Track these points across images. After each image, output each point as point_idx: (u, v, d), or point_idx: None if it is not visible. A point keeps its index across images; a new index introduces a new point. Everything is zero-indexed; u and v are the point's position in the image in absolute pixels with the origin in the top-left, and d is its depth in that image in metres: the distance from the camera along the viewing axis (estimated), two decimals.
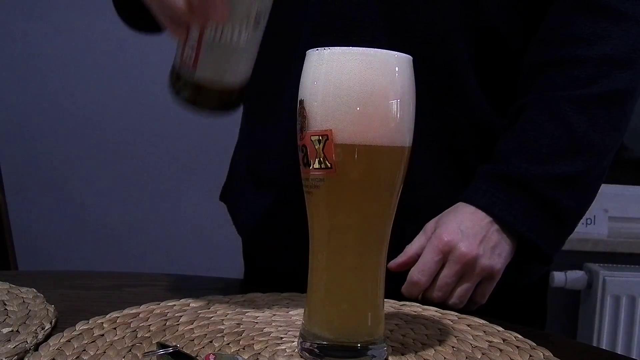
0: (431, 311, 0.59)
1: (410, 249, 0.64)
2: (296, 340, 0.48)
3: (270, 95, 0.72)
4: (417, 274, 0.62)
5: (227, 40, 0.49)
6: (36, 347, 0.44)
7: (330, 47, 0.43)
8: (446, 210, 0.65)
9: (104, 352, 0.44)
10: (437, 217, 0.65)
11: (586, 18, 0.65)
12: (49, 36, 1.68)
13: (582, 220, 0.70)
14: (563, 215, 0.64)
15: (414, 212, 0.64)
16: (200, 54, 0.50)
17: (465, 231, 0.61)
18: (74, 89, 1.70)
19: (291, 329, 0.51)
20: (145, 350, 0.44)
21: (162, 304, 0.56)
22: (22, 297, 0.55)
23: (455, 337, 0.51)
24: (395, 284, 0.60)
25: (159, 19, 0.51)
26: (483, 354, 0.48)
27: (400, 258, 0.64)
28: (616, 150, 0.67)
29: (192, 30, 0.50)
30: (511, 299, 0.68)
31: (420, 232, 0.65)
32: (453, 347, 0.49)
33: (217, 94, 0.52)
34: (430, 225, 0.65)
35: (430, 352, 0.48)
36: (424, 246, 0.64)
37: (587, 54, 0.64)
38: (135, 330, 0.48)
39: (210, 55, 0.50)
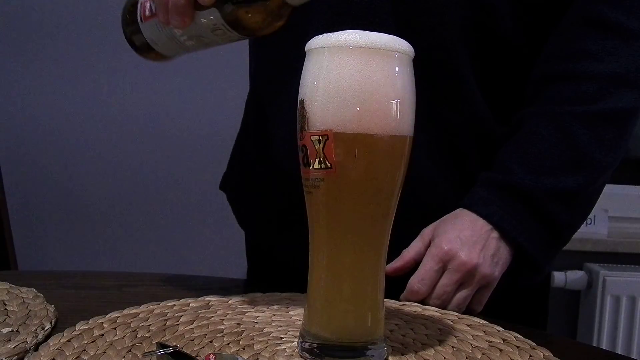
0: (431, 311, 0.59)
1: (407, 254, 0.64)
2: (296, 340, 0.48)
3: (279, 90, 0.72)
4: (417, 283, 0.62)
5: (175, 34, 0.55)
6: (36, 347, 0.44)
7: (331, 46, 0.43)
8: (445, 217, 0.65)
9: (104, 352, 0.44)
10: (435, 223, 0.65)
11: (596, 34, 0.65)
12: (50, 35, 1.68)
13: None
14: (559, 229, 0.64)
15: (419, 213, 0.64)
16: (153, 20, 0.55)
17: (465, 240, 0.61)
18: (73, 89, 1.70)
19: (291, 329, 0.51)
20: (145, 350, 0.44)
21: (162, 304, 0.56)
22: (22, 297, 0.55)
23: (455, 337, 0.51)
24: (395, 285, 0.60)
25: None
26: (483, 354, 0.48)
27: (397, 263, 0.64)
28: (616, 167, 0.67)
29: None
30: (512, 300, 0.68)
31: (417, 237, 0.65)
32: (453, 347, 0.49)
33: (147, 49, 0.59)
34: (427, 230, 0.65)
35: (430, 352, 0.48)
36: (421, 252, 0.64)
37: (595, 69, 0.64)
38: (135, 330, 0.48)
39: (158, 27, 0.55)
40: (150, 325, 0.50)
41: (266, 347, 0.47)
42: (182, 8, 0.50)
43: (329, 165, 0.43)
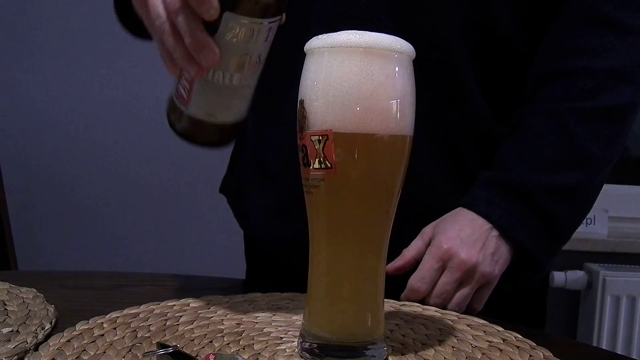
0: (431, 311, 0.59)
1: (408, 253, 0.64)
2: (296, 340, 0.48)
3: (277, 92, 0.72)
4: (417, 281, 0.62)
5: (219, 81, 0.50)
6: (36, 347, 0.44)
7: (331, 46, 0.43)
8: (444, 216, 0.65)
9: (104, 352, 0.44)
10: (434, 223, 0.65)
11: (593, 30, 0.65)
12: (50, 34, 1.68)
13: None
14: (559, 226, 0.64)
15: (419, 212, 0.64)
16: (193, 91, 0.51)
17: (465, 238, 0.61)
18: (74, 89, 1.70)
19: (291, 329, 0.51)
20: (145, 350, 0.44)
21: (162, 304, 0.56)
22: (22, 297, 0.55)
23: (455, 337, 0.51)
24: (395, 285, 0.60)
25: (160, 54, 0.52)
26: (483, 354, 0.48)
27: (397, 262, 0.64)
28: (615, 163, 0.67)
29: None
30: (511, 299, 0.68)
31: (418, 237, 0.65)
32: (453, 347, 0.49)
33: (210, 129, 0.53)
34: (427, 230, 0.65)
35: (430, 352, 0.48)
36: (421, 251, 0.64)
37: (592, 66, 0.64)
38: (135, 330, 0.48)
39: (202, 93, 0.51)
40: (150, 325, 0.50)
41: (266, 347, 0.47)
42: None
43: (329, 165, 0.43)
